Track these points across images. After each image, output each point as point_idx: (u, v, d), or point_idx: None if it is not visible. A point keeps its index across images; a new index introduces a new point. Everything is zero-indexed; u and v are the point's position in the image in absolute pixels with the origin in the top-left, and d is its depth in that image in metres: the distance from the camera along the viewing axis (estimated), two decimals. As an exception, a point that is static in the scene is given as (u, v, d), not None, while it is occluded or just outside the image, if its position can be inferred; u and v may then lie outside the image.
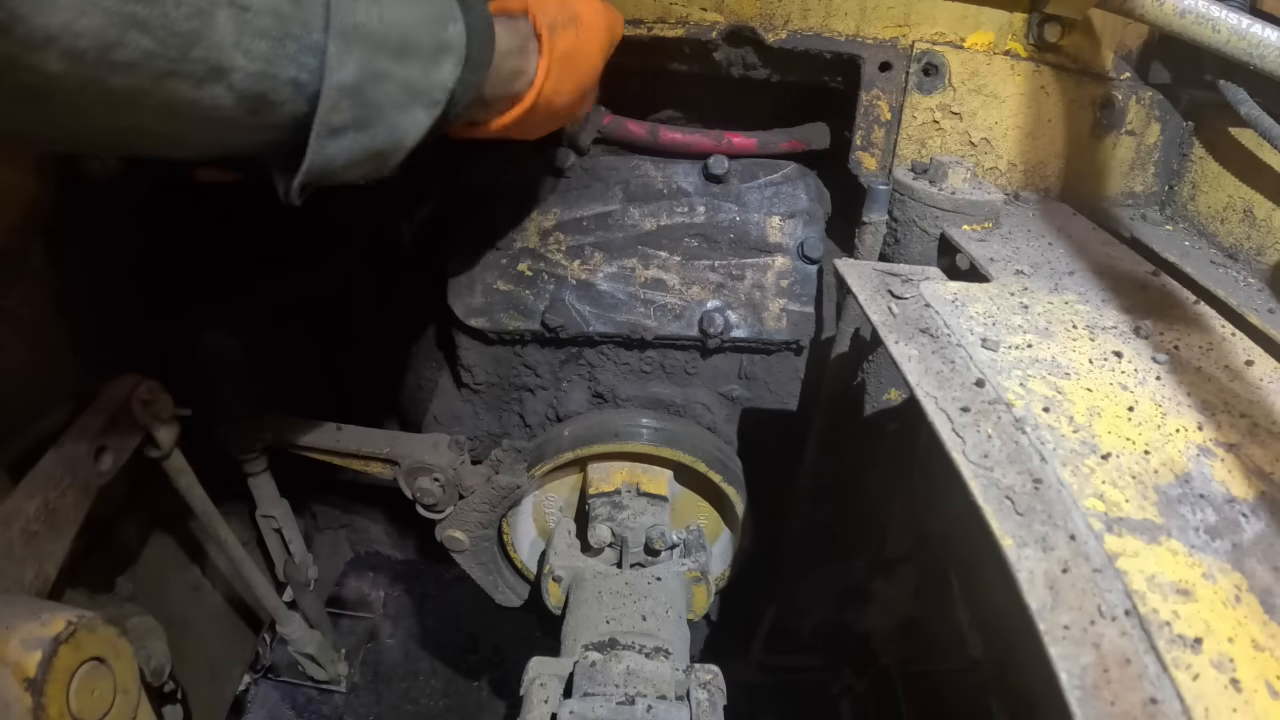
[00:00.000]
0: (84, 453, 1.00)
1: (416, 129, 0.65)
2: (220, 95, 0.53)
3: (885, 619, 1.42)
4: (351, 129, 0.60)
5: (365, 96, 0.59)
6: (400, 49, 0.60)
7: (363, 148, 0.62)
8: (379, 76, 0.59)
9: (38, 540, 0.95)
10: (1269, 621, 0.52)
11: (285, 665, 1.66)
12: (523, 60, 0.81)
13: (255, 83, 0.54)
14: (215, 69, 0.51)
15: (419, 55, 0.62)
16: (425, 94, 0.64)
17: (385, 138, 0.63)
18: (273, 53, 0.53)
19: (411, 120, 0.64)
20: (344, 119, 0.59)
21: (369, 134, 0.61)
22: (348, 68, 0.57)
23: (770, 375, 1.38)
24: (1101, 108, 1.21)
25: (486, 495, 1.25)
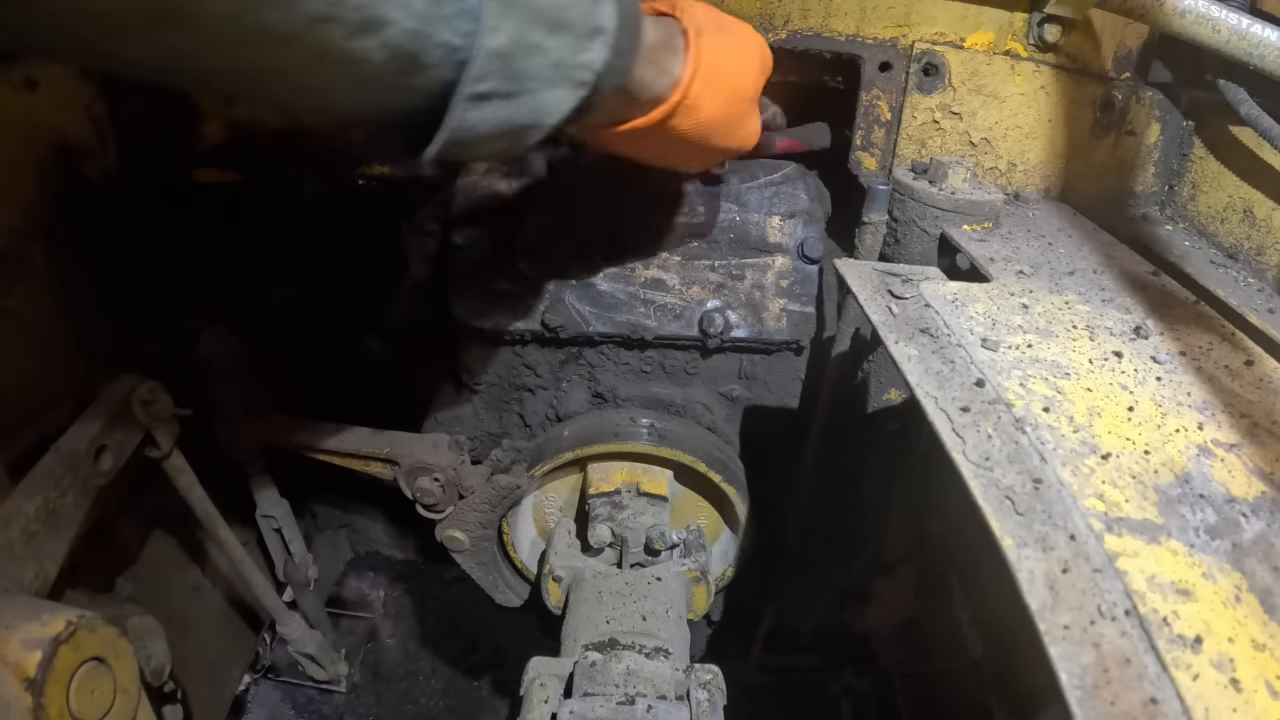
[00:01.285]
0: (84, 453, 1.00)
1: (560, 108, 0.64)
2: (372, 50, 0.52)
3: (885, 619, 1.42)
4: (496, 98, 0.59)
5: (515, 66, 0.58)
6: (554, 22, 0.59)
7: (504, 120, 0.61)
8: (531, 48, 0.59)
9: (38, 540, 0.95)
10: (1269, 621, 0.52)
11: (285, 665, 1.66)
12: (669, 57, 0.78)
13: (409, 40, 0.53)
14: (371, 20, 0.51)
15: (571, 31, 0.61)
16: (573, 72, 0.63)
17: (528, 113, 0.62)
18: (429, 11, 0.53)
19: (556, 98, 0.63)
20: (490, 86, 0.58)
21: (513, 106, 0.61)
22: (501, 34, 0.56)
23: (770, 375, 1.38)
24: (1101, 108, 1.21)
25: (486, 495, 1.25)
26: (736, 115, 0.89)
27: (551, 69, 0.61)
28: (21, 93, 1.01)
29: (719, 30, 0.84)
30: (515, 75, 0.59)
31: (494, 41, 0.56)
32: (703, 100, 0.81)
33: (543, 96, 0.62)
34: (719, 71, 0.82)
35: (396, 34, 0.52)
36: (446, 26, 0.54)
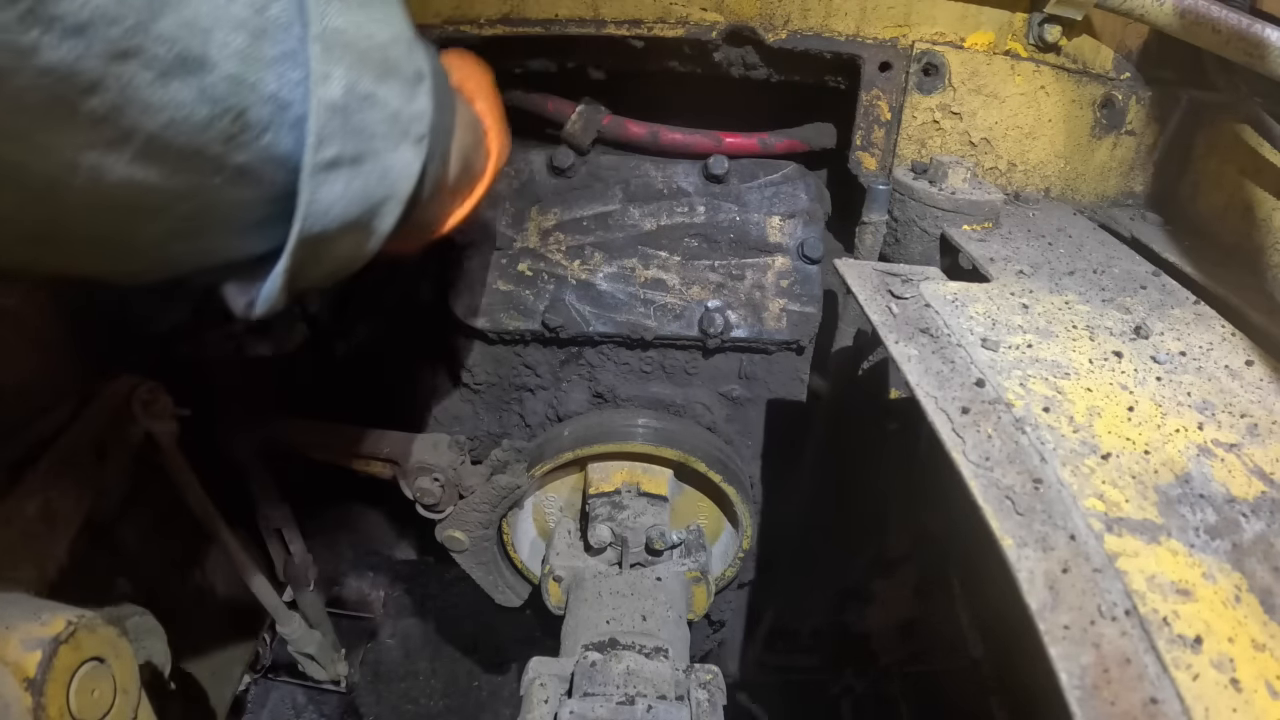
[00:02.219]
0: (84, 453, 1.00)
1: (408, 172, 0.56)
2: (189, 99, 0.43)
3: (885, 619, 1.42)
4: (346, 165, 0.51)
5: (355, 121, 0.51)
6: (383, 67, 0.52)
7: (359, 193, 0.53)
8: (366, 98, 0.51)
9: (38, 540, 0.95)
10: (1269, 621, 0.52)
11: (285, 665, 1.66)
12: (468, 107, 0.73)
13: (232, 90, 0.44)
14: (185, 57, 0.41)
15: (400, 78, 0.54)
16: (411, 126, 0.56)
17: (378, 181, 0.54)
18: (250, 51, 0.45)
19: (402, 160, 0.55)
20: (337, 150, 0.50)
21: (364, 173, 0.53)
22: (334, 81, 0.49)
23: (770, 375, 1.38)
24: (1101, 108, 1.21)
25: (486, 495, 1.25)
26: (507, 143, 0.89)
27: (390, 123, 0.53)
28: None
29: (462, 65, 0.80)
30: (357, 133, 0.51)
31: (329, 92, 0.48)
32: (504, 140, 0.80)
33: (389, 159, 0.54)
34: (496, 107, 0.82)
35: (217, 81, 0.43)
36: (272, 72, 0.46)
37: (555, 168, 1.30)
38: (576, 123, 1.28)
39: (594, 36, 1.17)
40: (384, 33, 0.53)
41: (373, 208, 0.54)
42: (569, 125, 1.28)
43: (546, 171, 1.31)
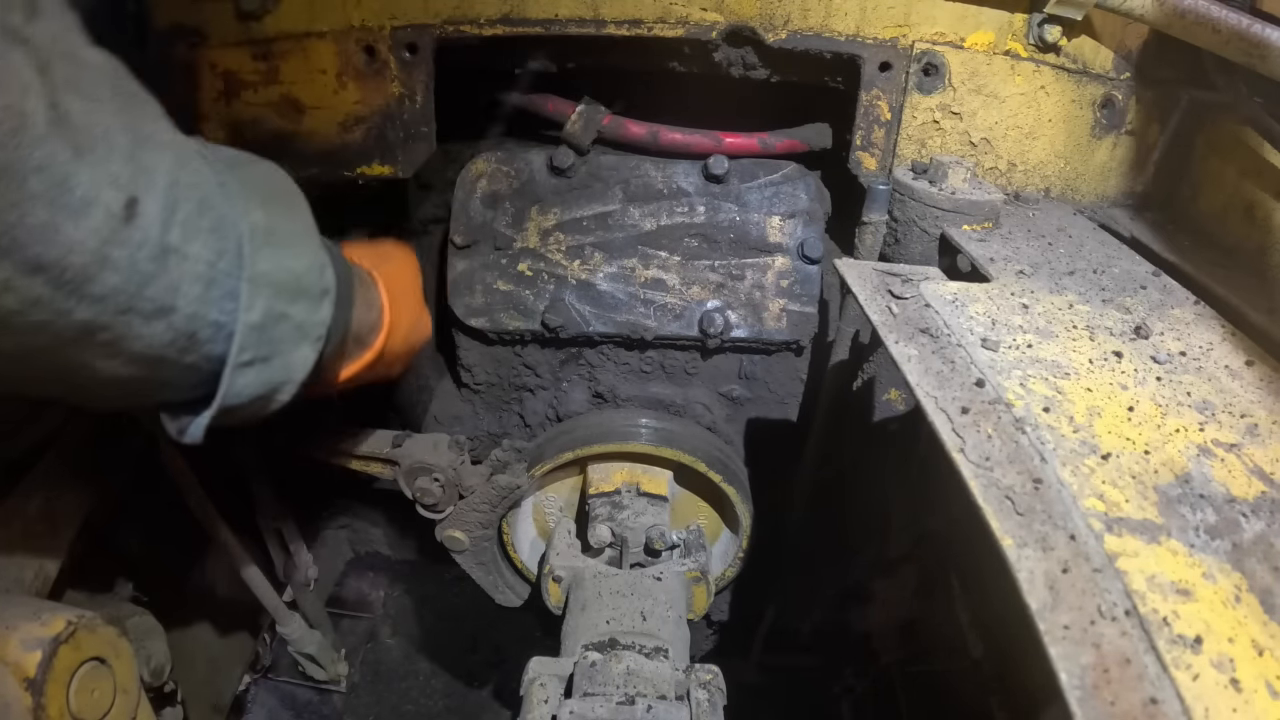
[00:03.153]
0: (84, 453, 1.00)
1: (305, 363, 0.75)
2: (161, 332, 0.62)
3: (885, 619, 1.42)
4: (257, 363, 0.70)
5: (268, 334, 0.69)
6: (295, 292, 0.71)
7: (264, 380, 0.72)
8: (279, 317, 0.70)
9: (38, 540, 0.95)
10: (1269, 621, 0.52)
11: (285, 665, 1.66)
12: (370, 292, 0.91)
13: (189, 322, 0.63)
14: (162, 308, 0.61)
15: (308, 297, 0.73)
16: (311, 330, 0.74)
17: (280, 371, 0.73)
18: (203, 296, 0.63)
19: (301, 355, 0.74)
20: (252, 354, 0.69)
21: (270, 368, 0.71)
22: (256, 309, 0.67)
23: (770, 375, 1.38)
24: (1101, 108, 1.21)
25: (486, 495, 1.25)
26: (420, 314, 1.04)
27: (295, 331, 0.72)
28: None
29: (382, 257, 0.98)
30: (269, 341, 0.70)
31: (251, 317, 0.67)
32: (400, 315, 0.95)
33: (290, 357, 0.73)
34: (401, 287, 0.97)
35: (181, 318, 0.63)
36: (216, 307, 0.65)
37: (555, 168, 1.30)
38: (576, 123, 1.28)
39: (594, 36, 1.17)
40: (299, 265, 0.72)
41: (276, 387, 0.74)
42: (569, 125, 1.28)
43: (546, 171, 1.31)
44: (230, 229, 0.65)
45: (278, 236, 0.70)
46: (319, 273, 0.75)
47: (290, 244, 0.71)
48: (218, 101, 1.21)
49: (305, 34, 1.17)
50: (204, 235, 0.63)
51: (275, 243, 0.69)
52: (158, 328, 0.62)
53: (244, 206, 0.67)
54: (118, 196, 0.56)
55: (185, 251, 0.61)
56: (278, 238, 0.70)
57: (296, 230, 0.74)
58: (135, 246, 0.58)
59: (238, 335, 0.67)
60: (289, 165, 1.16)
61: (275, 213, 0.71)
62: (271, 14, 1.16)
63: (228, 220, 0.65)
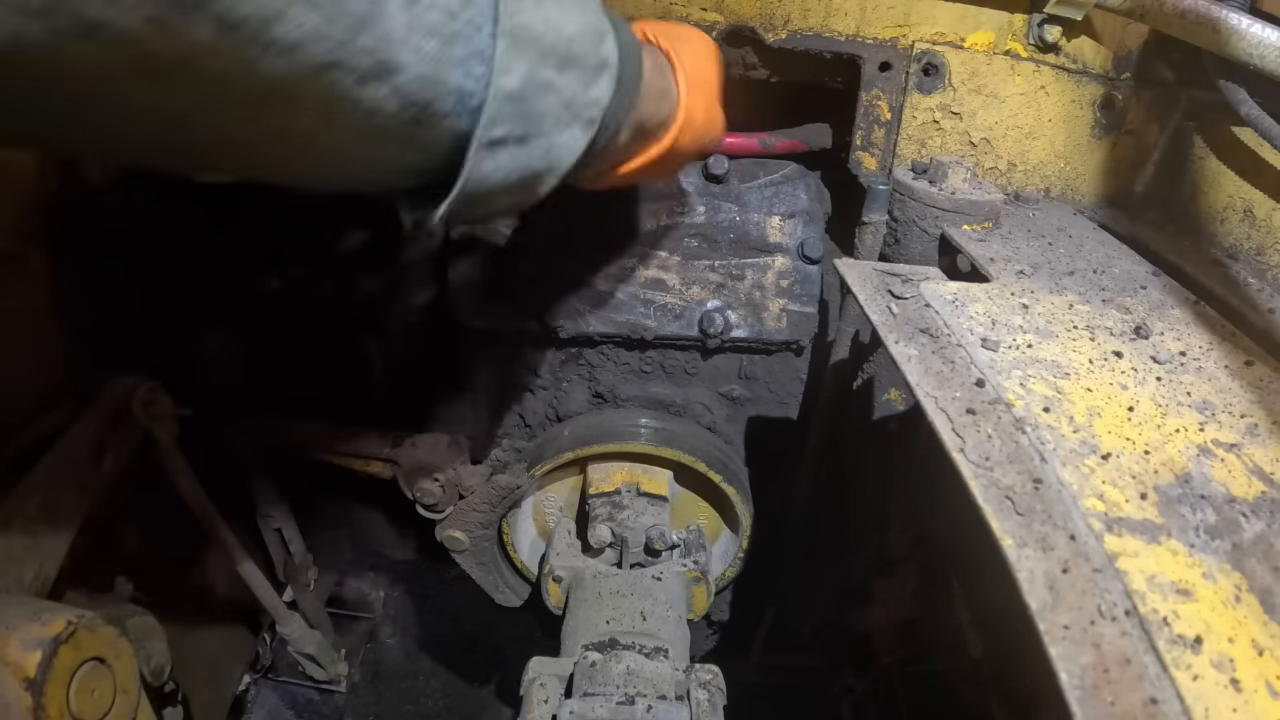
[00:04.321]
0: (84, 453, 1.00)
1: (573, 149, 0.62)
2: (384, 98, 0.49)
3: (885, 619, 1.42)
4: (511, 143, 0.57)
5: (529, 107, 0.56)
6: (565, 59, 0.57)
7: (520, 165, 0.59)
8: (543, 86, 0.56)
9: (38, 540, 0.95)
10: (1269, 621, 0.52)
11: (285, 665, 1.66)
12: (665, 81, 0.77)
13: (421, 86, 0.50)
14: (382, 64, 0.48)
15: (581, 68, 0.59)
16: (584, 110, 0.61)
17: (542, 157, 0.60)
18: (441, 53, 0.50)
19: (569, 139, 0.61)
20: (505, 131, 0.56)
21: (527, 150, 0.58)
22: (514, 73, 0.54)
23: (770, 375, 1.38)
24: (1101, 108, 1.21)
25: (486, 495, 1.25)
26: (716, 110, 0.90)
27: (564, 108, 0.59)
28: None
29: (681, 41, 0.84)
30: (530, 117, 0.57)
31: (508, 82, 0.54)
32: (695, 111, 0.81)
33: (556, 139, 0.60)
34: (698, 76, 0.82)
35: (409, 80, 0.49)
36: (460, 70, 0.52)
37: (555, 168, 1.30)
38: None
39: (594, 36, 1.17)
40: (571, 25, 0.58)
41: (533, 177, 0.61)
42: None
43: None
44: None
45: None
46: (597, 40, 0.61)
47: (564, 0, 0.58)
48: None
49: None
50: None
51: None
52: (379, 91, 0.49)
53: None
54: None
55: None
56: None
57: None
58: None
59: (489, 104, 0.53)
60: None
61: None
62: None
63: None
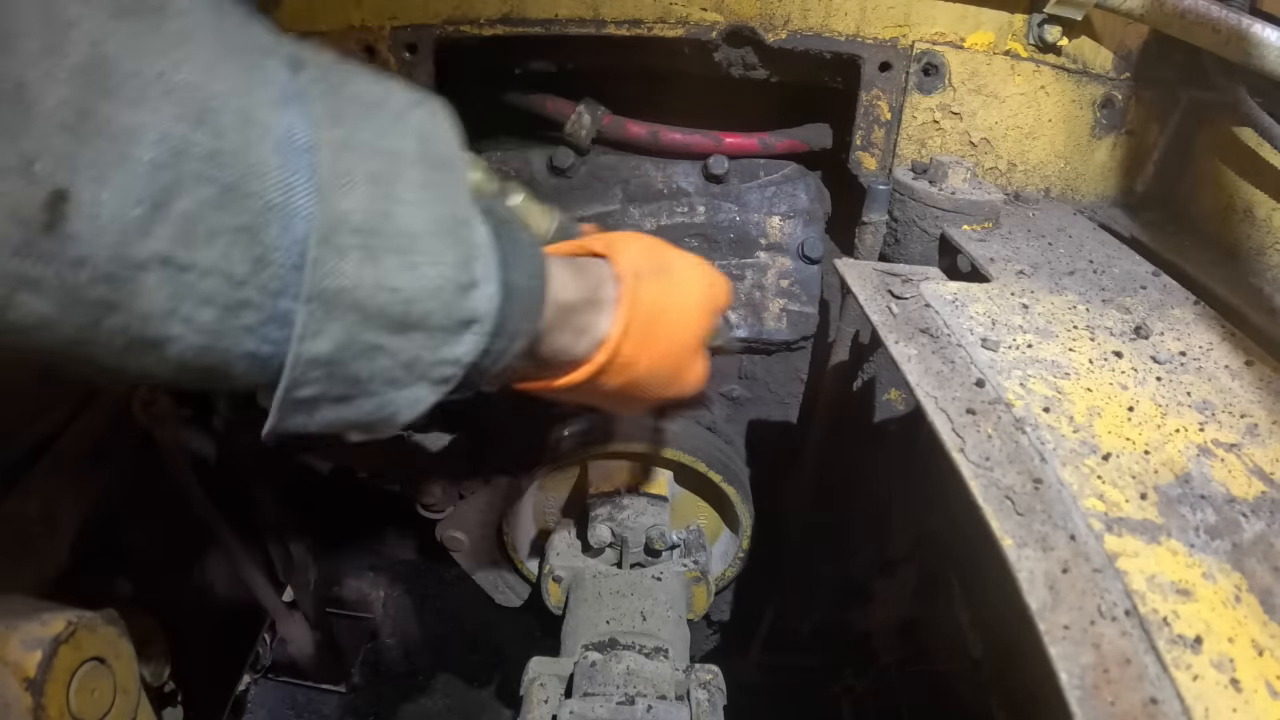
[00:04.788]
0: (84, 453, 1.00)
1: (414, 407, 0.53)
2: (152, 365, 0.44)
3: (885, 619, 1.42)
4: (329, 401, 0.50)
5: (346, 372, 0.48)
6: (399, 323, 0.48)
7: (343, 419, 0.52)
8: (367, 350, 0.48)
9: (38, 540, 0.95)
10: (1269, 621, 0.52)
11: (285, 665, 1.66)
12: (591, 316, 0.65)
13: (200, 355, 0.44)
14: (139, 340, 0.42)
15: (426, 328, 0.50)
16: (433, 370, 0.52)
17: (372, 413, 0.52)
18: (222, 323, 0.43)
19: (408, 396, 0.52)
20: (317, 392, 0.48)
21: (352, 407, 0.51)
22: (324, 339, 0.46)
23: (770, 375, 1.38)
24: (1101, 108, 1.21)
25: (487, 495, 1.25)
26: (677, 366, 0.75)
27: (401, 369, 0.50)
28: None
29: (660, 272, 0.71)
30: (348, 380, 0.49)
31: (314, 348, 0.46)
32: (639, 356, 0.68)
33: (390, 397, 0.51)
34: (658, 321, 0.70)
35: (182, 349, 0.43)
36: (252, 336, 0.45)
37: (555, 168, 1.30)
38: (576, 123, 1.28)
39: (594, 36, 1.17)
40: (415, 285, 0.48)
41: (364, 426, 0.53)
42: (569, 125, 1.28)
43: (546, 171, 1.31)
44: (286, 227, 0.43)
45: (385, 238, 0.46)
46: (454, 296, 0.50)
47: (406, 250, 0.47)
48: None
49: (305, 34, 1.17)
50: (223, 240, 0.41)
51: (377, 247, 0.46)
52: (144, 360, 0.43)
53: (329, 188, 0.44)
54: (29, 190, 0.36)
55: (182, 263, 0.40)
56: (384, 240, 0.46)
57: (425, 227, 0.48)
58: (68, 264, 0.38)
59: (289, 370, 0.46)
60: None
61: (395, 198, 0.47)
62: (271, 14, 1.16)
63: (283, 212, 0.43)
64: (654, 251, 0.73)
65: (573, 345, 0.65)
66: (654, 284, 0.70)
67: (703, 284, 0.77)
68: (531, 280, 0.57)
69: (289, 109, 0.44)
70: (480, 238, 0.52)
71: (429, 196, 0.49)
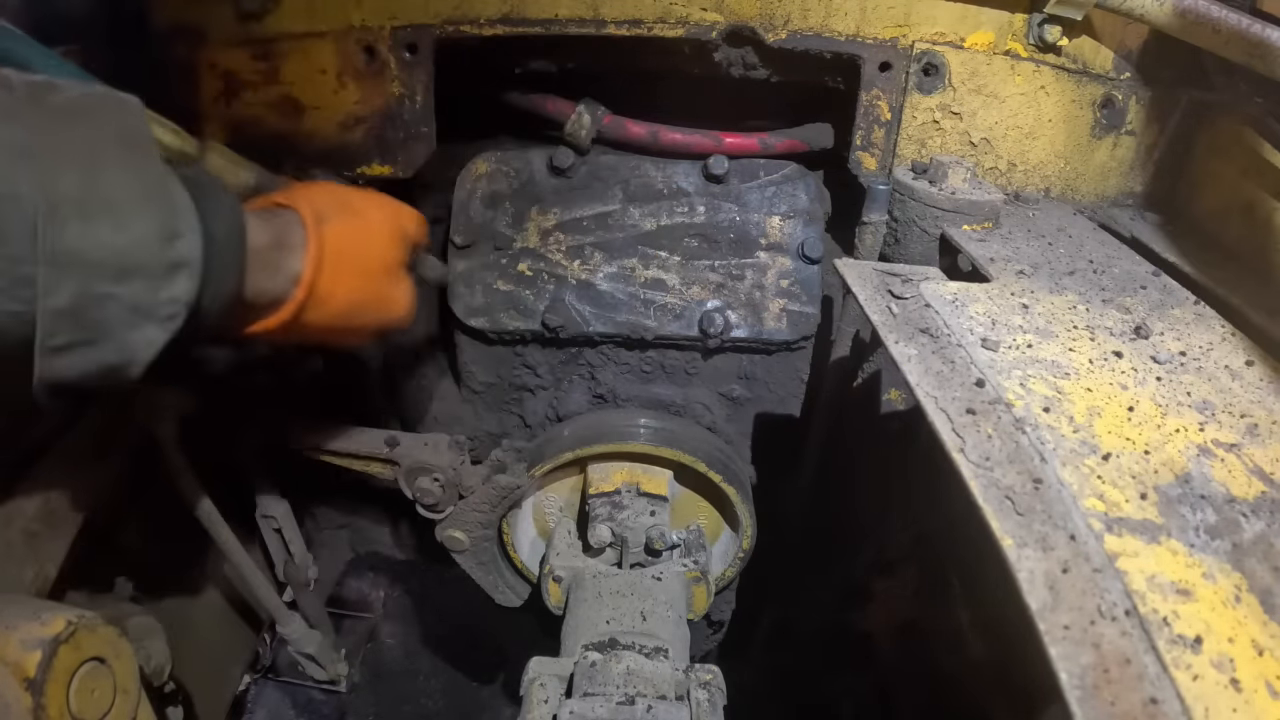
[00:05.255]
0: (84, 453, 1.00)
1: (150, 346, 0.65)
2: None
3: (885, 619, 1.42)
4: (78, 346, 0.61)
5: (86, 318, 0.60)
6: (120, 270, 0.61)
7: (93, 363, 0.63)
8: (99, 299, 0.60)
9: (38, 540, 0.95)
10: (1269, 621, 0.52)
11: (285, 665, 1.66)
12: (284, 256, 0.77)
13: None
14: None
15: (144, 275, 0.62)
16: (156, 311, 0.64)
17: (115, 354, 0.63)
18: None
19: (143, 337, 0.64)
20: (66, 339, 0.60)
21: (97, 350, 0.62)
22: (61, 293, 0.58)
23: (770, 375, 1.38)
24: (1101, 108, 1.21)
25: (486, 495, 1.25)
26: (376, 293, 0.87)
27: (130, 312, 0.62)
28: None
29: (343, 210, 0.83)
30: (90, 325, 0.61)
31: (54, 301, 0.58)
32: (334, 287, 0.80)
33: (127, 338, 0.63)
34: (345, 253, 0.81)
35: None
36: (5, 297, 0.56)
37: (555, 168, 1.30)
38: (576, 123, 1.28)
39: (594, 36, 1.17)
40: (124, 238, 0.61)
41: (114, 367, 0.64)
42: (569, 125, 1.28)
43: (546, 171, 1.31)
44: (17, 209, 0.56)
45: (95, 206, 0.59)
46: (161, 245, 0.63)
47: (114, 213, 0.60)
48: (217, 101, 1.21)
49: (305, 34, 1.17)
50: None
51: (90, 214, 0.59)
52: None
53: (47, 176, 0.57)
54: None
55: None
56: (95, 207, 0.59)
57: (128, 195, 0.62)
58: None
59: (39, 321, 0.58)
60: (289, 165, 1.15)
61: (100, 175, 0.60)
62: (272, 14, 1.16)
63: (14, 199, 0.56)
64: (335, 194, 0.85)
65: (272, 285, 0.76)
66: (337, 222, 0.81)
67: (385, 214, 0.89)
68: (229, 228, 0.69)
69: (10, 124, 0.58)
70: (179, 196, 0.65)
71: (128, 170, 0.62)
